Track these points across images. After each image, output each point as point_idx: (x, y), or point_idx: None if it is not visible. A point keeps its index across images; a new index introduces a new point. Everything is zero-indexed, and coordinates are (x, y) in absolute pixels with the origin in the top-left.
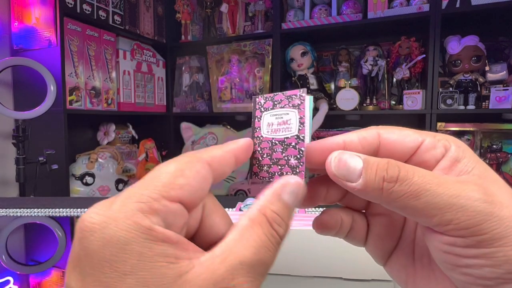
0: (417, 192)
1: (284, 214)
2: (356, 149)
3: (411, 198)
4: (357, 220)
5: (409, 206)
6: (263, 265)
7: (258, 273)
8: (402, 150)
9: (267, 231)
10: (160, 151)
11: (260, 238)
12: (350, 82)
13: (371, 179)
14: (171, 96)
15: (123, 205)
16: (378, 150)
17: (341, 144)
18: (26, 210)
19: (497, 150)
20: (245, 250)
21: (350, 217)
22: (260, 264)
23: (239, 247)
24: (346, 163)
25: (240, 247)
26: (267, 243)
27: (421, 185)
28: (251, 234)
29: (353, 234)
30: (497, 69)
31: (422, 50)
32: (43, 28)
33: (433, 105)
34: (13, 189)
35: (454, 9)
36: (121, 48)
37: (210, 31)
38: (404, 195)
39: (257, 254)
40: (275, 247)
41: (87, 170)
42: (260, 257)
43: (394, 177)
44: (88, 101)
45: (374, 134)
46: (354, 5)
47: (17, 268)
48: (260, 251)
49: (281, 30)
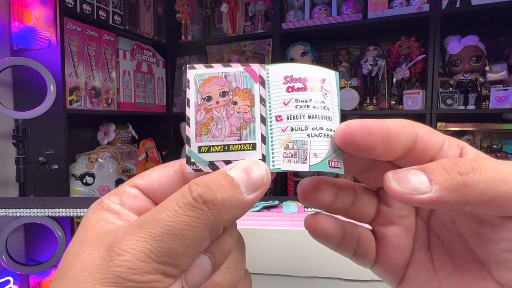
0: (503, 175)
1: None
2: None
3: (499, 184)
4: (365, 234)
5: (498, 194)
6: (155, 224)
7: (148, 234)
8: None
9: (178, 193)
10: (160, 151)
11: (167, 200)
12: (350, 82)
13: (446, 179)
14: (171, 96)
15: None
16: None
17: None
18: (26, 210)
19: (497, 150)
20: (149, 212)
21: (356, 230)
22: (152, 223)
23: (148, 212)
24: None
25: (149, 211)
26: (169, 202)
27: (498, 168)
28: (165, 200)
29: (361, 250)
30: (497, 69)
31: (422, 50)
32: (43, 28)
33: (433, 105)
34: (13, 189)
35: (454, 9)
36: (121, 48)
37: (210, 31)
38: (491, 181)
39: (153, 215)
40: (180, 207)
41: (87, 170)
42: (155, 217)
43: (469, 168)
44: (88, 101)
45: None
46: (354, 5)
47: (17, 268)
48: (158, 211)
49: (281, 30)
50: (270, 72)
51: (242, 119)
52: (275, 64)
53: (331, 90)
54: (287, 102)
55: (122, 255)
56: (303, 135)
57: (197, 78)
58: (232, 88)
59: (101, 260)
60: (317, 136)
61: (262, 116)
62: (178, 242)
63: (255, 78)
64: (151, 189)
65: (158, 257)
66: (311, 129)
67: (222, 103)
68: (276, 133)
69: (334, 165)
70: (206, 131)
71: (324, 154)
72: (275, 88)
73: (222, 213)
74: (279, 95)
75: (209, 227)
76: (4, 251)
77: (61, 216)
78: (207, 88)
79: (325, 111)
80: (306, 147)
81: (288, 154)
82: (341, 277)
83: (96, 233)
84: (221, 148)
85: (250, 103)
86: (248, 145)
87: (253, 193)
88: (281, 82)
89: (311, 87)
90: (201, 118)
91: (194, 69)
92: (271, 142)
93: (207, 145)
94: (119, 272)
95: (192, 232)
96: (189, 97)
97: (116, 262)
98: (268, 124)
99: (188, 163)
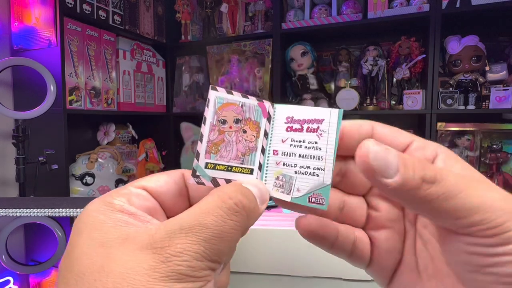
0: (452, 194)
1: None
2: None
3: (445, 200)
4: (362, 238)
5: (441, 208)
6: (204, 229)
7: (200, 238)
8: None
9: (217, 198)
10: (160, 151)
11: (207, 204)
12: (350, 82)
13: (409, 177)
14: (171, 96)
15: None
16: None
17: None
18: (26, 210)
19: (497, 150)
20: (187, 216)
21: (352, 232)
22: (200, 228)
23: (184, 214)
24: (386, 156)
25: (185, 214)
26: (213, 208)
27: (455, 186)
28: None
29: (357, 253)
30: (497, 69)
31: (422, 50)
32: (43, 28)
33: (433, 105)
34: (13, 189)
35: (454, 9)
36: (121, 48)
37: (210, 31)
38: (440, 196)
39: (197, 219)
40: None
41: (87, 170)
42: (201, 221)
43: (433, 178)
44: (88, 101)
45: (369, 124)
46: (354, 5)
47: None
48: (201, 216)
49: (281, 30)
50: (276, 111)
51: (247, 146)
52: (283, 104)
53: (328, 130)
54: (285, 140)
55: (180, 256)
56: (291, 171)
57: (217, 100)
58: (245, 118)
59: (154, 261)
60: (303, 174)
61: (263, 148)
62: (225, 243)
63: (264, 113)
64: (160, 192)
65: (210, 256)
66: (299, 167)
67: (234, 129)
68: (271, 165)
69: (314, 201)
70: (215, 150)
71: (305, 190)
72: (278, 126)
73: (252, 219)
74: (279, 132)
75: (244, 230)
76: (4, 251)
77: (61, 216)
78: (224, 112)
79: (316, 151)
80: (292, 181)
81: (277, 184)
82: (341, 277)
83: (120, 235)
84: (225, 168)
85: (256, 134)
86: (247, 170)
87: (263, 205)
88: (283, 121)
89: (307, 128)
90: (214, 137)
91: (216, 90)
92: (266, 170)
93: (214, 162)
94: (181, 269)
95: (235, 234)
96: (206, 116)
97: (176, 262)
98: (266, 156)
99: (193, 175)
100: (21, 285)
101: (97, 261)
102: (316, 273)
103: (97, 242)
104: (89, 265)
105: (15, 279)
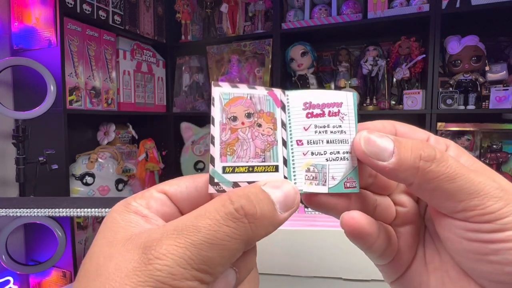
0: (453, 175)
1: (255, 196)
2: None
3: (446, 181)
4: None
5: (442, 189)
6: (196, 232)
7: (189, 241)
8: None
9: (218, 201)
10: (160, 151)
11: (207, 206)
12: (350, 82)
13: (406, 157)
14: (171, 96)
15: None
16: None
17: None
18: (26, 210)
19: (497, 150)
20: (187, 216)
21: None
22: (192, 230)
23: (185, 215)
24: (376, 141)
25: (186, 215)
26: (210, 211)
27: (456, 168)
28: (205, 205)
29: (389, 250)
30: (497, 69)
31: (422, 50)
32: (43, 28)
33: (433, 105)
34: (13, 189)
35: (454, 9)
36: (121, 48)
37: (210, 31)
38: (441, 176)
39: (192, 221)
40: (222, 218)
41: (87, 170)
42: (195, 223)
43: (432, 156)
44: (88, 101)
45: (391, 124)
46: (354, 5)
47: (17, 268)
48: (197, 218)
49: (281, 30)
50: (290, 98)
51: (266, 141)
52: (294, 90)
53: (349, 113)
54: (307, 128)
55: (162, 259)
56: (322, 159)
57: (222, 97)
58: (257, 110)
59: (138, 262)
60: (334, 160)
61: (284, 140)
62: (217, 252)
63: (277, 103)
64: (179, 197)
65: (197, 264)
66: (329, 154)
67: (248, 124)
68: (297, 157)
69: (349, 186)
70: (231, 151)
71: (340, 177)
72: (295, 114)
73: (260, 228)
74: (299, 120)
75: (246, 240)
76: (4, 251)
77: (61, 216)
78: (232, 107)
79: (342, 135)
80: (325, 170)
81: (309, 177)
82: (341, 277)
83: (126, 234)
84: (246, 169)
85: (273, 127)
86: (272, 167)
87: (285, 212)
88: (301, 108)
89: (329, 112)
90: (227, 137)
91: (219, 87)
92: (292, 165)
93: (232, 165)
94: (160, 276)
95: (230, 243)
96: (214, 115)
97: (156, 266)
98: (290, 148)
99: (212, 183)
100: (21, 285)
101: (99, 260)
102: (316, 273)
103: (107, 241)
104: (93, 264)
105: (15, 279)
